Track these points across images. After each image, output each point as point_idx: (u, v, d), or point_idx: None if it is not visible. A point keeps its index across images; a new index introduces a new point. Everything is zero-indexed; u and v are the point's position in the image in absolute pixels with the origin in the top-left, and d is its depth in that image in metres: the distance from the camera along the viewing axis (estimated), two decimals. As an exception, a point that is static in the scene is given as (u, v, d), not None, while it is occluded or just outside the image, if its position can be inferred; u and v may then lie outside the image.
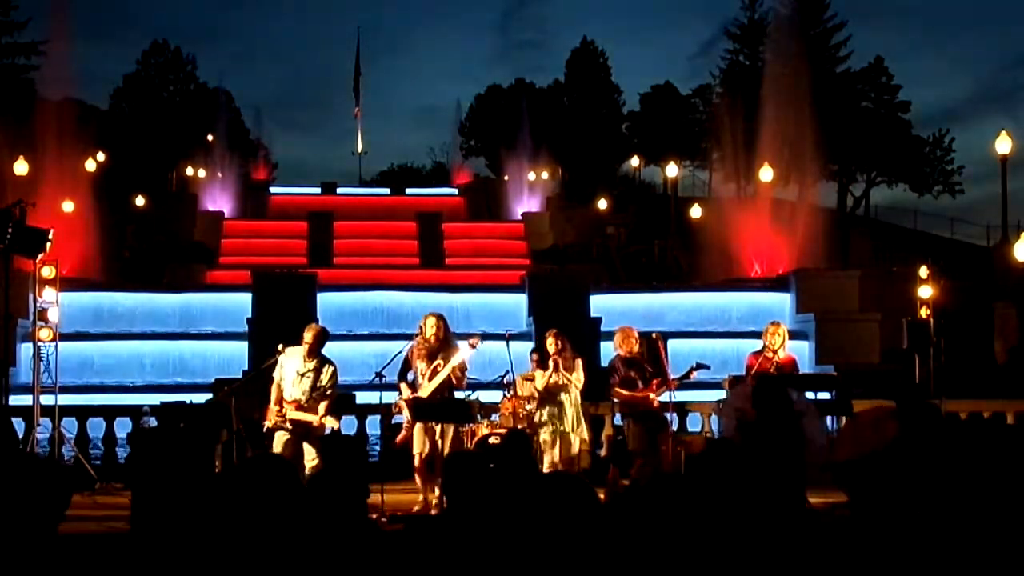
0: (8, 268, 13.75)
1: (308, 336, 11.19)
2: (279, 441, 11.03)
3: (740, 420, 11.14)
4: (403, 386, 11.62)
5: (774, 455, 10.09)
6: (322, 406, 11.02)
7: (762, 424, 10.98)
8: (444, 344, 11.52)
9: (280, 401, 11.11)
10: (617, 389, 12.13)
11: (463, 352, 11.53)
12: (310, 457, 10.95)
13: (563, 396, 12.10)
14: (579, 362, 12.21)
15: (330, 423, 11.12)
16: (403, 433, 11.67)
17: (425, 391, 11.40)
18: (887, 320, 19.62)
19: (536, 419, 12.08)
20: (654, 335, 12.45)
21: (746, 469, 4.00)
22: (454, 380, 11.51)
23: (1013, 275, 22.97)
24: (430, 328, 11.54)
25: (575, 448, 12.17)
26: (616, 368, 12.15)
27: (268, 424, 11.14)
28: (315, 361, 11.12)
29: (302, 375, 11.06)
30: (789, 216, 25.39)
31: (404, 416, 11.62)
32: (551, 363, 11.97)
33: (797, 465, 10.19)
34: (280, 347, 11.27)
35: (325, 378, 11.11)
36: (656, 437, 12.00)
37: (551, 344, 12.04)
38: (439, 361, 11.40)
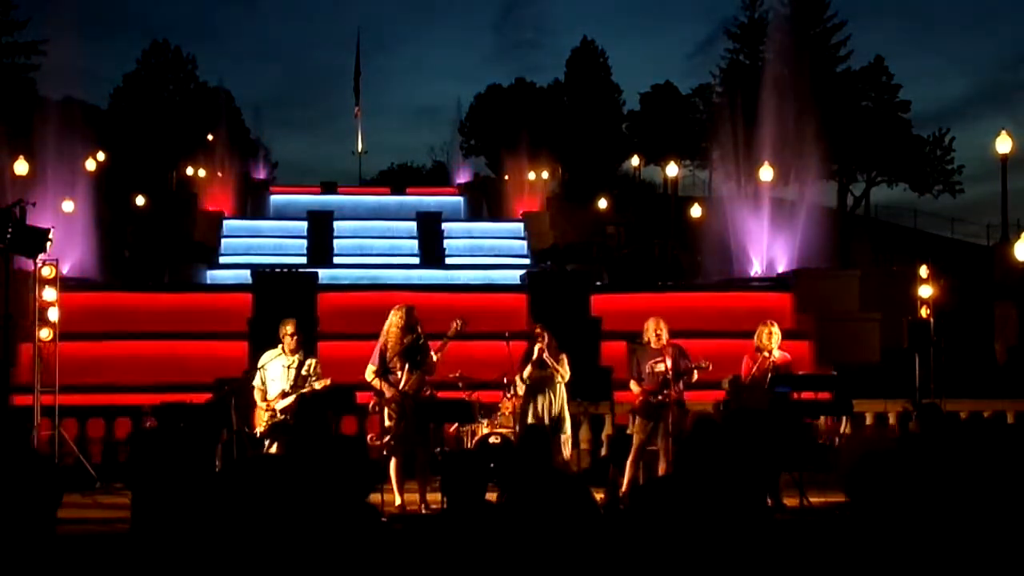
0: (8, 268, 13.74)
1: (290, 329, 11.29)
2: (275, 447, 11.08)
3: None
4: (382, 384, 11.57)
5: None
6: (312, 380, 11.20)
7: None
8: (419, 334, 11.57)
9: (264, 399, 11.28)
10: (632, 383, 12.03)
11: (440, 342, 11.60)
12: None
13: (548, 390, 12.10)
14: (564, 356, 12.24)
15: (319, 384, 11.21)
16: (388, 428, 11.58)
17: (408, 382, 11.41)
18: (887, 320, 19.60)
19: (521, 412, 12.13)
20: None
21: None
22: (428, 368, 11.56)
23: (1013, 275, 22.94)
24: (406, 320, 11.57)
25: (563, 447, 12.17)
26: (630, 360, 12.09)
27: (259, 429, 11.19)
28: (299, 355, 11.33)
29: (287, 367, 11.24)
30: (789, 216, 25.36)
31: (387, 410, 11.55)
32: (535, 353, 12.04)
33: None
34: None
35: (308, 368, 11.29)
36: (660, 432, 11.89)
37: (537, 337, 12.09)
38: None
